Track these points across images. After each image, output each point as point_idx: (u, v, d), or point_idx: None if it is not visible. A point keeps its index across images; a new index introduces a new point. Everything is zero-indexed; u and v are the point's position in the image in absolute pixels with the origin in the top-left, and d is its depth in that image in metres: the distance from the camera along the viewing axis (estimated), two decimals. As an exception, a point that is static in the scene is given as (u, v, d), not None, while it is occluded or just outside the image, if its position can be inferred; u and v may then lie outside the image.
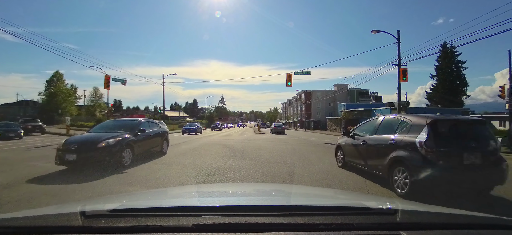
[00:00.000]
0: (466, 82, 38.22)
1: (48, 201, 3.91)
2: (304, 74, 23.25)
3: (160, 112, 73.27)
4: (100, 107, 51.02)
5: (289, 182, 5.49)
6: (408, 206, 1.30)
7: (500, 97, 16.38)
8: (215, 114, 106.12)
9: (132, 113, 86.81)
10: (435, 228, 1.06)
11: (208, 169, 6.61)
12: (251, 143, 15.35)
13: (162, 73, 56.76)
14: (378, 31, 19.99)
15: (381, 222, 1.07)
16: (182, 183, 5.26)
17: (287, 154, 10.11)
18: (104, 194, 4.36)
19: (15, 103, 52.43)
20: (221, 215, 1.05)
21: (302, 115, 72.60)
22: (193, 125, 32.31)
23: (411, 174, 4.18)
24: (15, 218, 1.07)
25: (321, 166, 7.33)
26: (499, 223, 1.15)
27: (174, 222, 1.01)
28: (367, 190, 4.85)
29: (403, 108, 23.59)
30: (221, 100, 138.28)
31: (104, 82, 22.46)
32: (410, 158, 4.31)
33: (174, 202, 1.51)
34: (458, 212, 1.29)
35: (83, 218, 1.02)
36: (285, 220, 1.03)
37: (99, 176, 5.67)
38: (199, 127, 31.84)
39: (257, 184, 4.26)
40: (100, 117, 40.32)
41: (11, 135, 17.83)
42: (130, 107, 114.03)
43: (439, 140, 4.21)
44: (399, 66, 19.08)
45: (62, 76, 47.43)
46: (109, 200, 1.72)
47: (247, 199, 1.75)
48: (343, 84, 54.38)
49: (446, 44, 34.05)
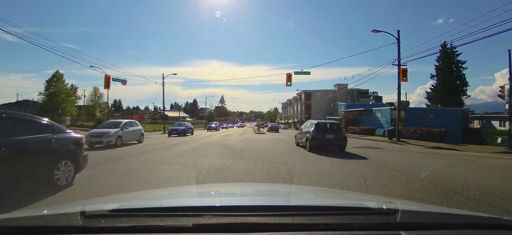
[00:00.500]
0: (466, 82, 38.29)
1: (48, 201, 3.91)
2: (304, 74, 23.29)
3: (160, 112, 73.32)
4: (100, 107, 50.96)
5: (289, 182, 5.48)
6: (408, 206, 1.30)
7: (500, 97, 16.40)
8: (215, 114, 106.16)
9: (132, 113, 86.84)
10: (435, 228, 1.06)
11: (208, 169, 6.61)
12: (251, 143, 15.35)
13: (162, 73, 56.73)
14: (378, 31, 20.00)
15: (381, 222, 1.07)
16: (182, 183, 5.26)
17: (287, 154, 10.11)
18: (104, 194, 4.35)
19: (15, 103, 52.42)
20: (221, 215, 1.05)
21: (302, 115, 72.56)
22: (182, 125, 26.90)
23: (310, 142, 11.13)
24: (15, 218, 1.07)
25: (321, 166, 7.33)
26: (499, 223, 1.15)
27: (174, 222, 1.01)
28: (367, 190, 4.85)
29: (403, 108, 23.59)
30: (221, 100, 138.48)
31: (104, 82, 22.50)
32: (310, 137, 11.25)
33: (174, 202, 1.51)
34: (458, 212, 1.29)
35: (83, 218, 1.02)
36: (285, 220, 1.03)
37: (100, 175, 5.68)
38: (190, 127, 27.35)
39: (257, 184, 4.26)
40: (100, 117, 40.28)
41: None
42: (130, 107, 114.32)
43: (318, 130, 11.26)
44: (399, 66, 19.09)
45: (62, 76, 47.39)
46: (109, 200, 1.72)
47: (247, 199, 1.75)
48: (343, 84, 54.37)
49: (446, 44, 34.07)
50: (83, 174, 5.87)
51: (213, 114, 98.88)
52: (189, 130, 26.28)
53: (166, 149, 11.89)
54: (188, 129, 25.97)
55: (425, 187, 5.06)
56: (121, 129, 13.74)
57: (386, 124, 28.68)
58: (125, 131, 14.07)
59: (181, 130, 24.31)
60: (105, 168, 6.80)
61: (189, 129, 26.53)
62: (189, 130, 25.98)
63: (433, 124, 24.08)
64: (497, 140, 19.71)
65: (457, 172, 6.65)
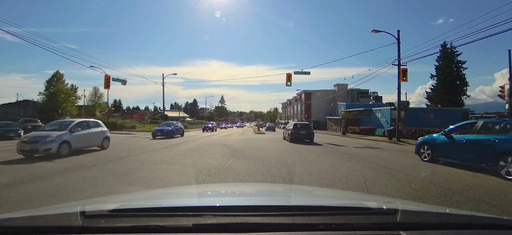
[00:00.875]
0: (466, 82, 38.21)
1: (48, 201, 3.91)
2: (304, 74, 23.28)
3: (160, 112, 73.27)
4: (100, 107, 50.88)
5: (289, 182, 5.49)
6: (408, 206, 1.30)
7: (500, 97, 16.41)
8: (215, 114, 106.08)
9: (132, 113, 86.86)
10: (435, 228, 1.06)
11: (208, 169, 6.61)
12: (251, 143, 15.36)
13: (162, 73, 56.78)
14: (378, 31, 19.99)
15: (381, 222, 1.07)
16: (182, 183, 5.26)
17: (287, 154, 10.11)
18: (104, 194, 4.36)
19: (15, 103, 52.42)
20: (221, 215, 1.05)
21: (302, 115, 72.56)
22: (170, 124, 22.57)
23: (290, 136, 17.59)
24: (15, 218, 1.07)
25: (321, 166, 7.33)
26: (499, 223, 1.15)
27: (174, 222, 1.01)
28: (367, 190, 4.86)
29: (403, 108, 23.58)
30: (221, 100, 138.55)
31: (104, 82, 22.47)
32: (290, 133, 17.75)
33: (174, 202, 1.50)
34: (458, 212, 1.29)
35: (83, 218, 1.02)
36: (285, 220, 1.03)
37: (100, 175, 5.68)
38: (180, 127, 23.69)
39: (257, 184, 4.26)
40: (100, 117, 40.25)
41: (11, 135, 17.87)
42: (130, 107, 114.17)
43: (296, 128, 17.73)
44: (399, 66, 19.08)
45: (62, 76, 47.35)
46: (109, 200, 1.72)
47: (247, 199, 1.75)
48: (343, 84, 54.34)
49: (446, 44, 34.08)
50: (83, 174, 5.89)
51: (213, 114, 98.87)
52: (179, 130, 22.83)
53: (166, 149, 11.89)
54: (177, 129, 22.54)
55: (425, 187, 5.06)
56: (69, 131, 10.06)
57: (386, 124, 28.66)
58: (76, 134, 10.34)
59: (167, 131, 20.61)
60: (105, 168, 6.81)
61: (179, 129, 22.92)
62: (178, 130, 22.65)
63: (433, 124, 24.07)
64: (497, 140, 19.69)
65: (457, 172, 6.65)
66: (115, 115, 50.04)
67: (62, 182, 5.20)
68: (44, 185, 4.92)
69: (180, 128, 23.76)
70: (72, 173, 6.10)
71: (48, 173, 6.04)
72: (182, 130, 24.26)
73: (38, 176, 5.69)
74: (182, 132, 24.23)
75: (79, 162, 7.69)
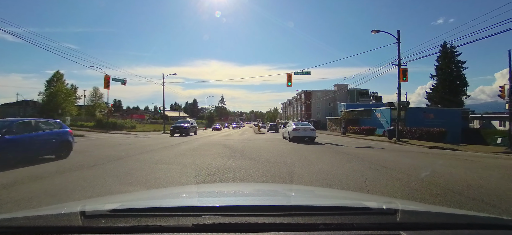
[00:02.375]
0: (466, 82, 38.27)
1: (48, 201, 3.90)
2: (304, 74, 23.27)
3: (160, 112, 73.30)
4: (100, 107, 50.90)
5: (289, 182, 5.48)
6: (408, 206, 1.30)
7: (500, 97, 16.39)
8: (215, 114, 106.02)
9: (132, 113, 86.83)
10: (435, 228, 1.06)
11: (208, 169, 6.61)
12: (251, 143, 15.35)
13: (162, 73, 56.62)
14: (378, 31, 20.01)
15: (381, 222, 1.07)
16: (182, 183, 5.26)
17: (287, 154, 10.11)
18: (104, 194, 4.35)
19: (15, 103, 52.37)
20: (221, 215, 1.05)
21: (302, 115, 72.54)
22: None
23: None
24: (15, 218, 1.07)
25: (321, 166, 7.33)
26: (499, 223, 1.15)
27: (174, 222, 1.01)
28: (367, 190, 4.86)
29: (403, 108, 23.59)
30: (221, 100, 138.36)
31: (104, 82, 22.50)
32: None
33: (174, 202, 1.51)
34: (458, 212, 1.29)
35: (83, 218, 1.02)
36: (285, 220, 1.04)
37: (100, 175, 5.68)
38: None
39: (257, 184, 4.26)
40: (100, 117, 40.26)
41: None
42: (130, 107, 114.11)
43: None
44: (399, 66, 19.09)
45: (62, 76, 47.34)
46: (109, 200, 1.72)
47: (247, 199, 1.75)
48: (343, 84, 54.26)
49: (446, 44, 34.10)
50: (83, 174, 5.89)
51: (213, 114, 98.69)
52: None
53: (166, 149, 11.88)
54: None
55: (425, 187, 5.06)
56: None
57: (386, 124, 28.67)
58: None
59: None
60: (105, 168, 6.80)
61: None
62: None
63: (433, 124, 24.09)
64: (497, 140, 19.72)
65: (457, 172, 6.65)
66: (115, 115, 49.97)
67: (62, 182, 5.20)
68: (44, 185, 4.92)
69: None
70: (72, 173, 6.10)
71: (48, 173, 6.04)
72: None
73: (38, 176, 5.69)
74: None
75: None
